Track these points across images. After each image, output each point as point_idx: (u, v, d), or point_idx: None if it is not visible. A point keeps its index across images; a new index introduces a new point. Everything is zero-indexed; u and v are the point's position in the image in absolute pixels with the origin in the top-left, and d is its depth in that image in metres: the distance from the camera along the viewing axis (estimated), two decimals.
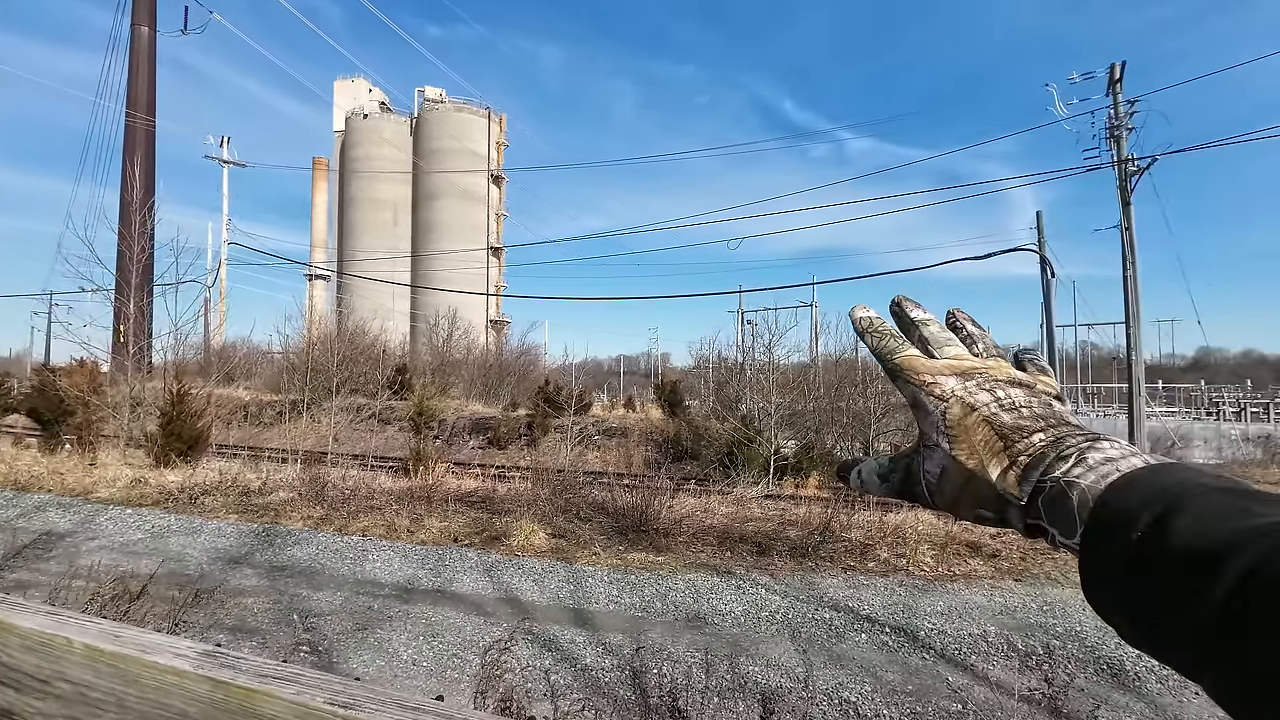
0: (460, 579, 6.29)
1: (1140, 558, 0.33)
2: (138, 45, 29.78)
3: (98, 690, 0.60)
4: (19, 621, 0.64)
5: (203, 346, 25.00)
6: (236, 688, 0.54)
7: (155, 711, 0.57)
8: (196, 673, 0.56)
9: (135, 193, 19.35)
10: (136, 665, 0.59)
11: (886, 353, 0.50)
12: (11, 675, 0.63)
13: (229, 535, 7.43)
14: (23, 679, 0.63)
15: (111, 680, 0.60)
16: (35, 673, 0.62)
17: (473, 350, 31.83)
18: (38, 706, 0.62)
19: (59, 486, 9.66)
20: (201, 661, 0.58)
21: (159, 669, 0.58)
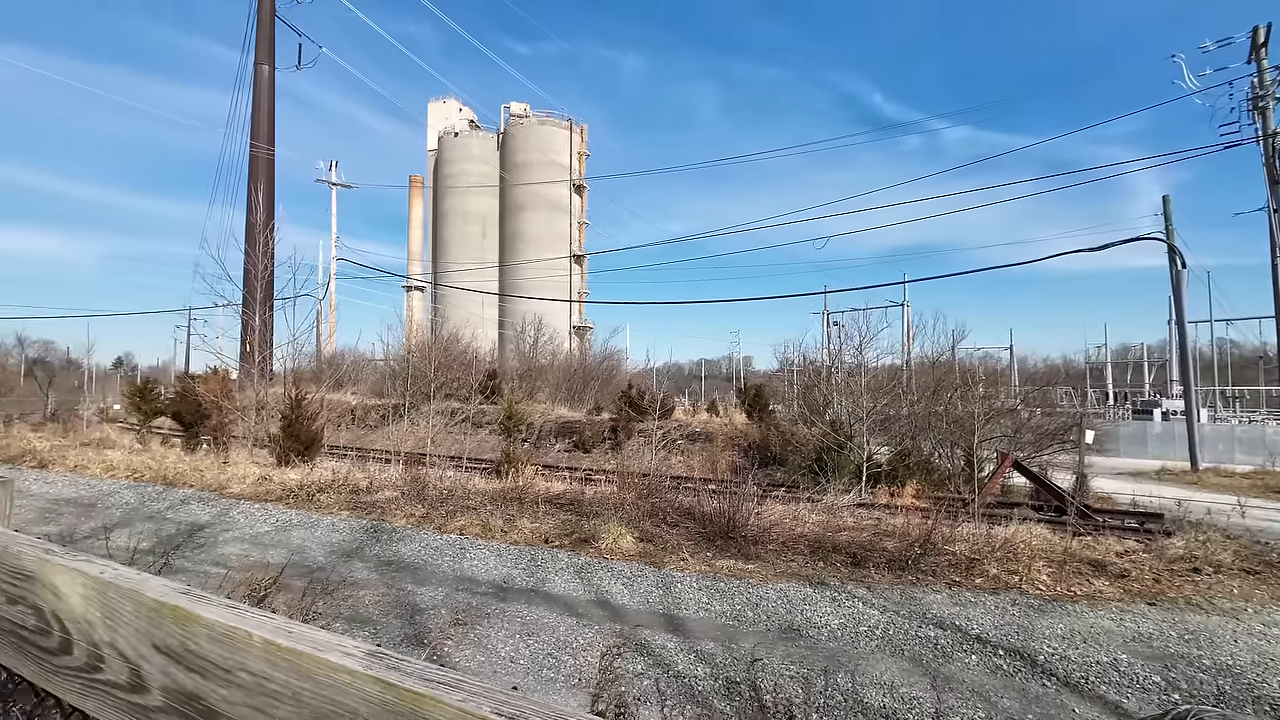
0: (553, 579, 6.43)
1: None
2: (260, 82, 32.82)
3: (275, 683, 0.63)
4: (204, 613, 0.68)
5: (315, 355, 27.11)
6: (405, 690, 0.55)
7: (328, 708, 0.59)
8: (366, 673, 0.58)
9: (259, 216, 21.31)
10: (310, 662, 0.61)
11: None
12: (199, 662, 0.67)
13: (342, 530, 7.97)
14: (209, 666, 0.66)
15: (288, 674, 0.62)
16: (220, 662, 0.65)
17: (557, 355, 32.70)
18: (222, 694, 0.65)
19: (199, 482, 10.74)
20: (369, 662, 0.59)
21: (331, 666, 0.60)
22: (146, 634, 0.71)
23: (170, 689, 0.68)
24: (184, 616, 0.68)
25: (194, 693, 0.67)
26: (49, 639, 0.81)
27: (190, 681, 0.67)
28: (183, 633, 0.68)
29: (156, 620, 0.71)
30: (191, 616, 0.68)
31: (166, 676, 0.69)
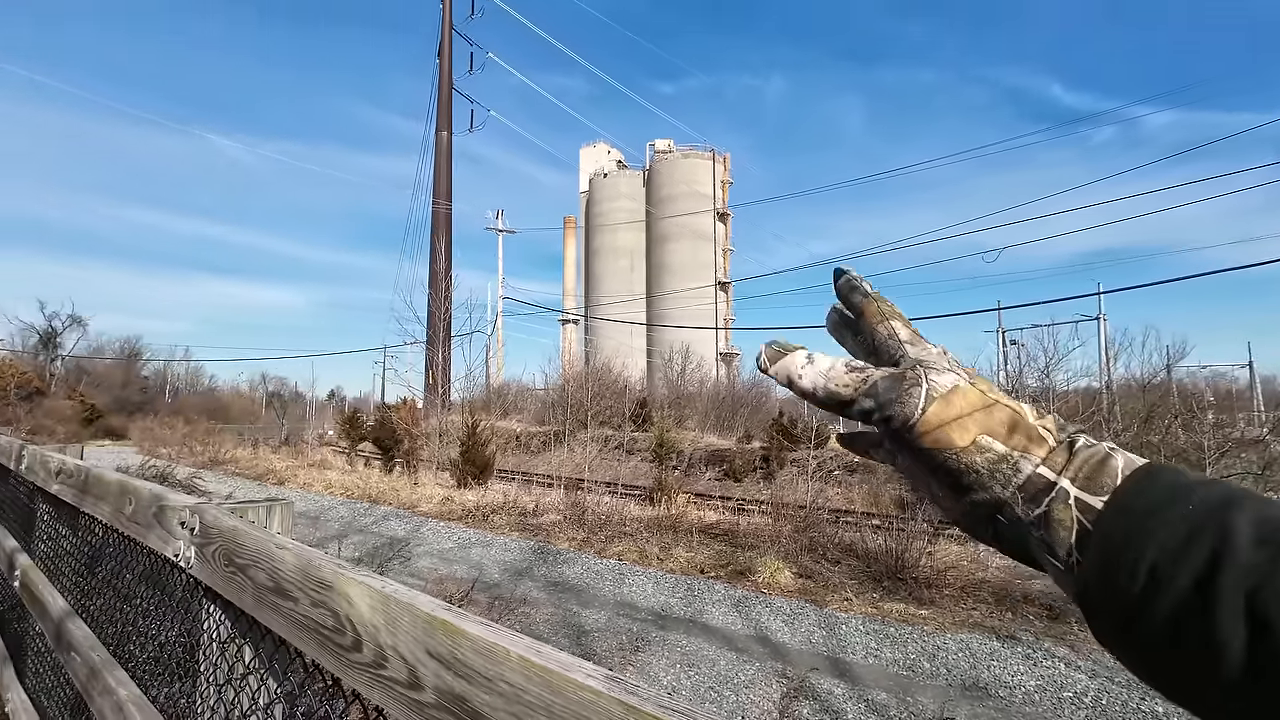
0: (710, 611, 6.40)
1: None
2: (439, 147, 37.42)
3: (530, 695, 0.72)
4: (468, 628, 0.81)
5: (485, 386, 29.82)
6: (646, 714, 0.62)
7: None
8: (609, 694, 0.65)
9: (440, 264, 24.17)
10: (558, 679, 0.70)
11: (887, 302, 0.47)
12: (465, 670, 0.78)
13: (513, 550, 8.61)
14: (473, 674, 0.78)
15: (540, 689, 0.72)
16: (483, 671, 0.77)
17: (705, 383, 32.84)
18: (485, 699, 0.76)
19: (395, 500, 12.21)
20: (610, 684, 0.67)
21: (577, 685, 0.68)
22: (421, 641, 0.86)
23: (441, 689, 0.82)
24: (452, 630, 0.83)
25: (461, 695, 0.80)
26: (344, 638, 1.00)
27: (458, 685, 0.80)
28: (451, 643, 0.82)
29: (429, 631, 0.86)
30: (458, 630, 0.82)
31: (438, 679, 0.83)
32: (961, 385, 0.41)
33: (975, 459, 0.39)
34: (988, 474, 0.39)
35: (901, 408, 0.40)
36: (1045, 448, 0.38)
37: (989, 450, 0.39)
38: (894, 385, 0.41)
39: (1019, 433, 0.39)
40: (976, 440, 0.39)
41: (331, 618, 1.04)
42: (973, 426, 0.39)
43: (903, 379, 0.42)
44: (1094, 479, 0.36)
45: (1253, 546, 0.28)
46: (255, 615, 1.29)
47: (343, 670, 1.01)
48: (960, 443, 0.39)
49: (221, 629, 1.52)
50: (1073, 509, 0.36)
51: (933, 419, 0.40)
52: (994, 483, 0.39)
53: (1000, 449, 0.39)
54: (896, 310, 0.47)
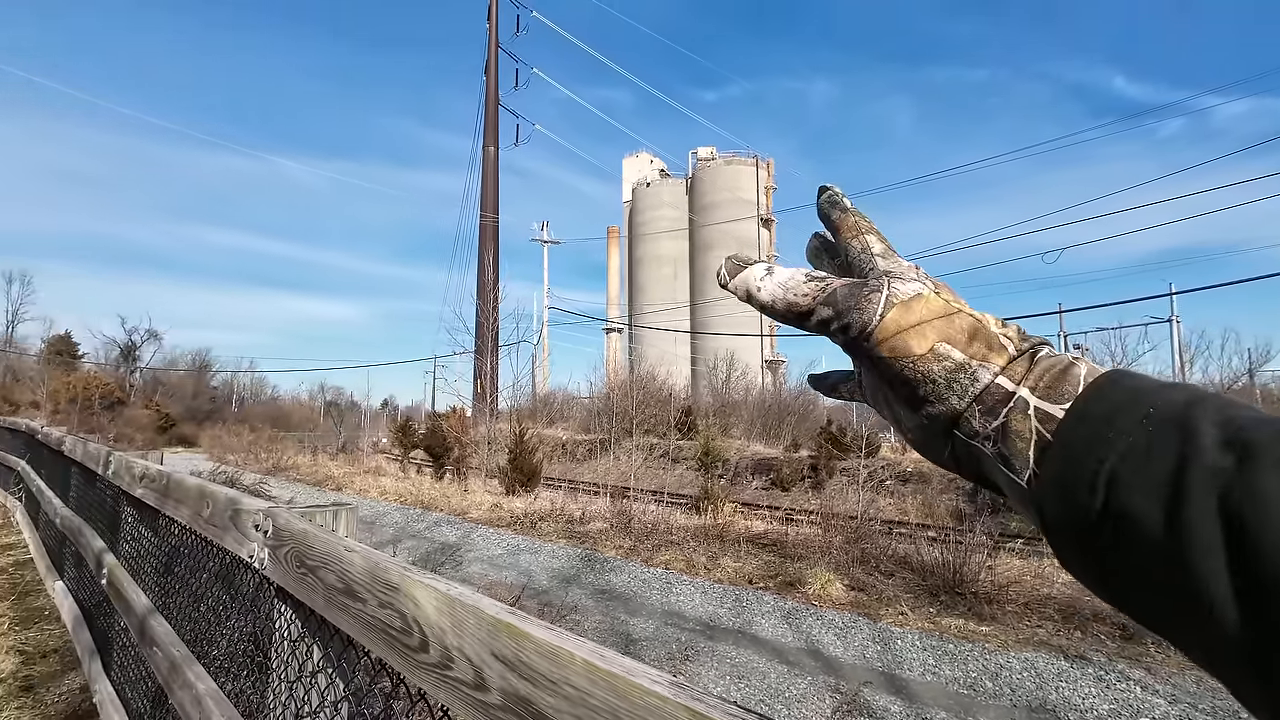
0: (759, 622, 6.31)
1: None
2: (487, 161, 38.38)
3: (595, 699, 0.73)
4: (532, 631, 0.83)
5: (531, 395, 30.26)
6: None
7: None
8: (675, 699, 0.66)
9: (488, 275, 24.72)
10: (624, 684, 0.71)
11: (864, 217, 0.46)
12: (529, 672, 0.80)
13: (561, 557, 8.69)
14: (537, 677, 0.79)
15: (605, 693, 0.72)
16: (547, 674, 0.78)
17: (750, 391, 32.50)
18: (550, 701, 0.77)
19: (446, 507, 12.50)
20: (676, 690, 0.67)
21: (643, 690, 0.69)
22: (486, 644, 0.88)
23: (507, 691, 0.84)
24: (516, 633, 0.84)
25: (526, 697, 0.81)
26: (411, 638, 1.03)
27: (523, 687, 0.82)
28: (515, 646, 0.83)
29: (494, 633, 0.88)
30: (522, 633, 0.84)
31: (504, 681, 0.84)
32: (925, 293, 0.39)
33: (932, 367, 0.37)
34: (944, 383, 0.37)
35: (860, 314, 0.39)
36: (1005, 356, 0.37)
37: (947, 358, 0.37)
38: (853, 293, 0.40)
39: (979, 340, 0.38)
40: (934, 348, 0.37)
41: (399, 619, 1.07)
42: (931, 334, 0.38)
43: (864, 286, 0.40)
44: (1055, 388, 0.34)
45: (1218, 448, 0.26)
46: (325, 615, 1.35)
47: (410, 670, 1.04)
48: (918, 350, 0.38)
49: (292, 628, 1.58)
50: (1032, 419, 0.34)
51: (890, 325, 0.38)
52: (950, 393, 0.37)
53: (958, 356, 0.37)
54: (872, 225, 0.46)
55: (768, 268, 0.44)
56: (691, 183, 58.93)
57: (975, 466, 0.37)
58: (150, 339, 48.43)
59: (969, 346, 0.37)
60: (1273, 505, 0.23)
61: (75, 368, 40.62)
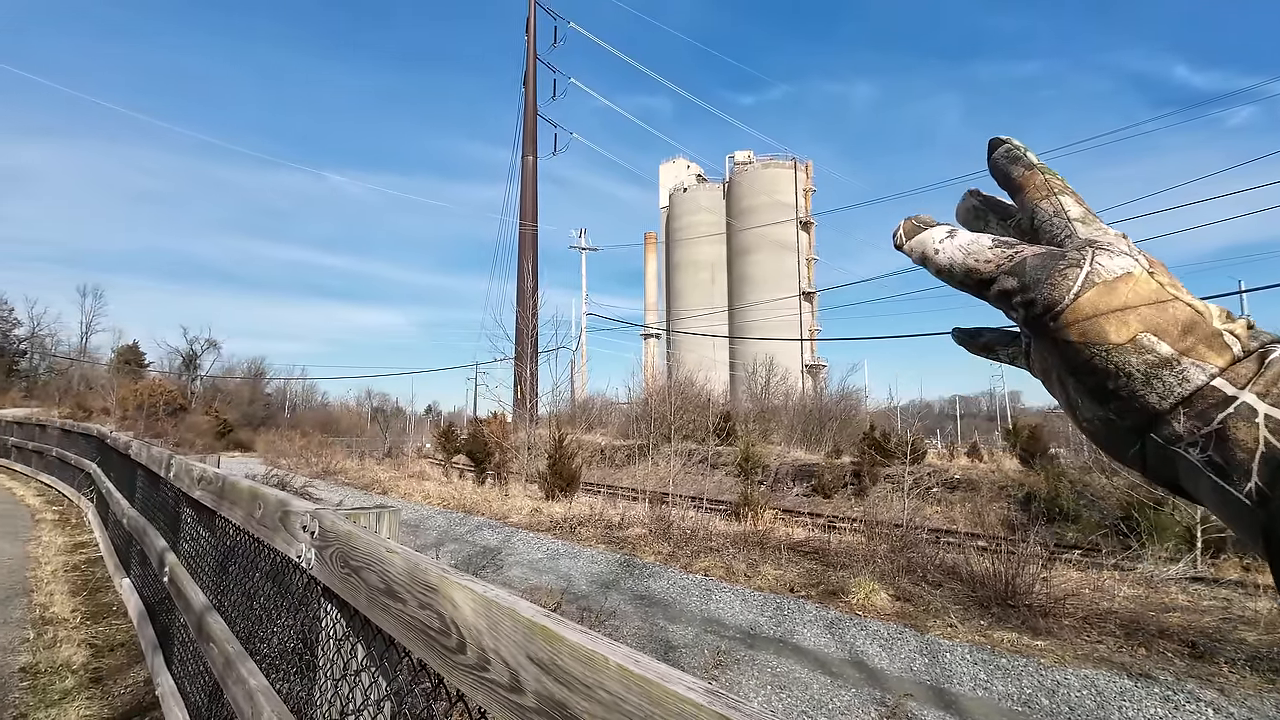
0: (801, 632, 6.18)
1: None
2: (526, 171, 39.04)
3: (629, 704, 0.72)
4: (567, 635, 0.82)
5: (570, 401, 30.50)
6: None
7: None
8: (710, 708, 0.64)
9: (527, 283, 25.05)
10: (658, 690, 0.70)
11: (1056, 175, 0.40)
12: (564, 676, 0.79)
13: (600, 562, 8.71)
14: (572, 681, 0.79)
15: (640, 699, 0.71)
16: (582, 678, 0.77)
17: (790, 396, 32.06)
18: (584, 706, 0.76)
19: (488, 511, 12.69)
20: (711, 697, 0.66)
21: (678, 697, 0.68)
22: (522, 646, 0.88)
23: (541, 694, 0.84)
24: (551, 636, 0.84)
25: (561, 701, 0.81)
26: (449, 639, 1.04)
27: (558, 691, 0.82)
28: (550, 649, 0.83)
29: (530, 636, 0.88)
30: (557, 637, 0.83)
31: (539, 684, 0.84)
32: (1135, 272, 0.34)
33: (1130, 359, 0.33)
34: (1142, 379, 0.32)
35: (1051, 290, 0.34)
36: (1227, 356, 0.32)
37: (1150, 351, 0.33)
38: (1047, 263, 0.35)
39: (1195, 335, 0.32)
40: (1137, 338, 0.33)
41: (437, 620, 1.08)
42: (1135, 321, 0.33)
43: (1061, 257, 0.35)
44: None
45: None
46: (368, 615, 1.38)
47: (448, 670, 1.05)
48: (1115, 338, 0.33)
49: (337, 627, 1.62)
50: (1261, 428, 0.29)
51: (1086, 306, 0.34)
52: (1150, 390, 0.32)
53: (1165, 351, 0.32)
54: (1066, 184, 0.40)
55: (950, 229, 0.40)
56: (729, 187, 58.64)
57: (1168, 472, 0.34)
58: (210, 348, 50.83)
59: (1181, 340, 0.33)
60: None
61: (142, 376, 42.89)
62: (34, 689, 3.70)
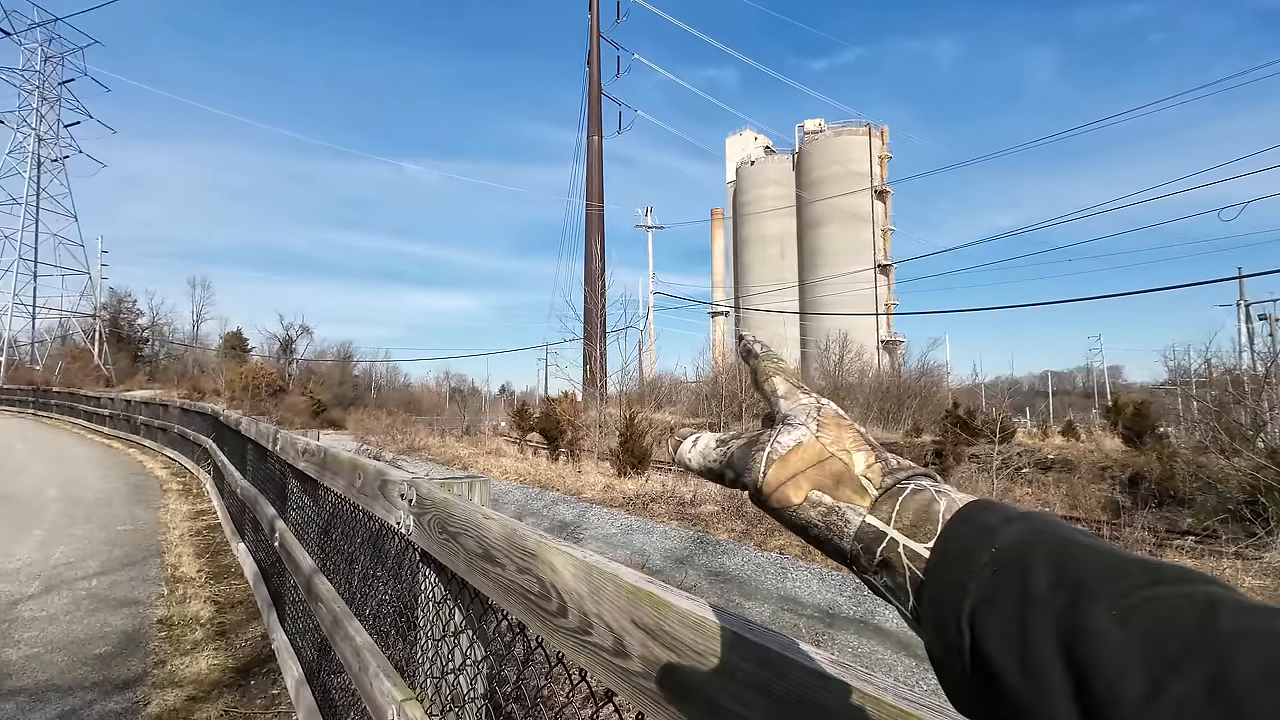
0: (882, 612, 6.02)
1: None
2: (591, 151, 39.09)
3: (744, 672, 0.69)
4: (674, 601, 0.80)
5: (639, 379, 30.71)
6: (887, 704, 0.56)
7: (801, 706, 0.63)
8: (839, 679, 0.60)
9: (595, 264, 25.30)
10: (777, 659, 0.66)
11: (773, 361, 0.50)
12: (672, 641, 0.77)
13: (673, 538, 8.77)
14: (681, 646, 0.76)
15: (757, 666, 0.68)
16: (692, 645, 0.75)
17: (866, 373, 30.99)
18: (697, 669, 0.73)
19: (562, 486, 13.02)
20: (839, 669, 0.62)
21: (800, 666, 0.64)
22: (626, 611, 0.87)
23: (648, 659, 0.82)
24: (658, 602, 0.82)
25: (669, 663, 0.80)
26: (549, 603, 1.05)
27: (666, 655, 0.80)
28: (657, 615, 0.82)
29: (634, 601, 0.86)
30: (664, 603, 0.82)
31: (644, 649, 0.83)
32: (806, 440, 0.42)
33: (810, 514, 0.40)
34: (824, 527, 0.39)
35: (750, 474, 0.42)
36: (868, 498, 0.39)
37: (819, 504, 0.40)
38: (745, 454, 0.44)
39: (844, 484, 0.40)
40: (809, 495, 0.40)
41: (537, 584, 1.09)
42: (805, 483, 0.40)
43: (754, 444, 0.44)
44: (919, 526, 0.35)
45: (1051, 589, 0.27)
46: (467, 578, 1.42)
47: (549, 634, 1.06)
48: (795, 500, 0.40)
49: (436, 590, 1.69)
50: (903, 558, 0.35)
51: (772, 480, 0.41)
52: (832, 534, 0.39)
53: (829, 501, 0.39)
54: (780, 366, 0.49)
55: (695, 438, 0.49)
56: (798, 158, 56.68)
57: (892, 601, 0.38)
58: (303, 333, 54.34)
59: (836, 491, 0.39)
60: (1100, 643, 0.24)
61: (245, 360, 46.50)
62: (170, 639, 4.11)
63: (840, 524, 0.39)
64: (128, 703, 3.29)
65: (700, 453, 0.48)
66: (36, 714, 3.15)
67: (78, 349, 48.78)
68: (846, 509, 0.39)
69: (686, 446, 0.49)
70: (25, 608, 4.60)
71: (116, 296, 55.50)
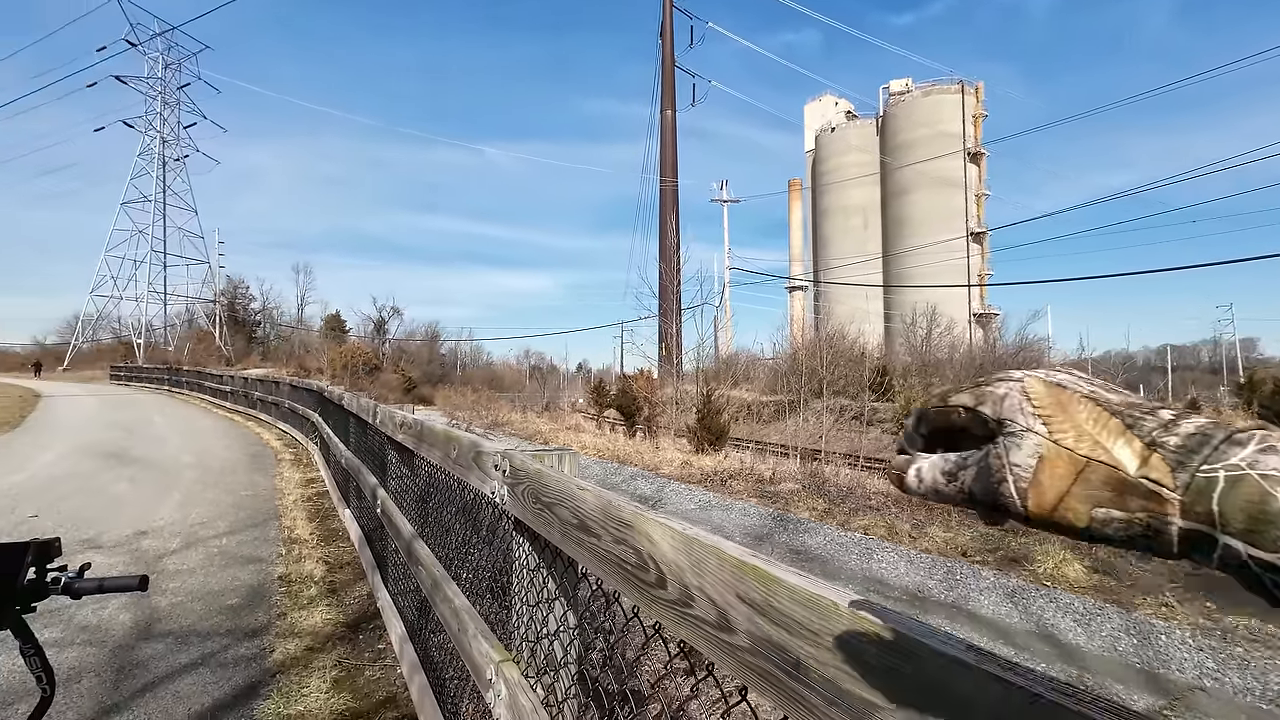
0: (976, 599, 5.74)
1: None
2: (665, 126, 38.64)
3: (868, 655, 0.65)
4: (783, 576, 0.76)
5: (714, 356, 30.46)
6: (1045, 700, 0.51)
7: (936, 691, 0.59)
8: (980, 668, 0.56)
9: (669, 240, 25.14)
10: (906, 642, 0.62)
11: None
12: (782, 619, 0.74)
13: (752, 515, 8.71)
14: (793, 624, 0.73)
15: (881, 648, 0.64)
16: (806, 623, 0.71)
17: (956, 348, 29.33)
18: (810, 651, 0.71)
19: (640, 462, 13.18)
20: (979, 657, 0.57)
21: (933, 652, 0.60)
22: (730, 585, 0.85)
23: (755, 635, 0.80)
24: (765, 577, 0.79)
25: (780, 644, 0.76)
26: (647, 574, 1.04)
27: (775, 634, 0.77)
28: (765, 590, 0.79)
29: (739, 576, 0.84)
30: (772, 578, 0.78)
31: (752, 624, 0.80)
32: (1045, 451, 0.35)
33: (1105, 530, 0.34)
34: (1129, 539, 0.33)
35: (1008, 509, 0.37)
36: (1168, 503, 0.31)
37: (1111, 521, 0.33)
38: (986, 487, 0.37)
39: (1129, 493, 0.32)
40: (1094, 515, 0.33)
41: (634, 555, 1.09)
42: (1078, 504, 0.33)
43: (989, 473, 0.37)
44: (1258, 531, 0.28)
45: None
46: (561, 547, 1.44)
47: (647, 604, 1.05)
48: (1078, 523, 0.34)
49: (530, 558, 1.73)
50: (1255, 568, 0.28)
51: (1036, 510, 0.35)
52: (1146, 543, 0.32)
53: (1121, 516, 0.32)
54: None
55: (917, 469, 0.43)
56: (883, 121, 53.67)
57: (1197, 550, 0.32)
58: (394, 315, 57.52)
59: (1123, 502, 0.32)
60: None
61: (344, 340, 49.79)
62: (289, 594, 4.50)
63: (1146, 534, 0.32)
64: (256, 649, 3.64)
65: (931, 488, 0.42)
66: (182, 655, 3.54)
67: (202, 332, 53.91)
68: (1149, 520, 0.32)
69: (912, 481, 0.44)
70: (169, 561, 5.17)
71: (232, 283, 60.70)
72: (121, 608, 4.12)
